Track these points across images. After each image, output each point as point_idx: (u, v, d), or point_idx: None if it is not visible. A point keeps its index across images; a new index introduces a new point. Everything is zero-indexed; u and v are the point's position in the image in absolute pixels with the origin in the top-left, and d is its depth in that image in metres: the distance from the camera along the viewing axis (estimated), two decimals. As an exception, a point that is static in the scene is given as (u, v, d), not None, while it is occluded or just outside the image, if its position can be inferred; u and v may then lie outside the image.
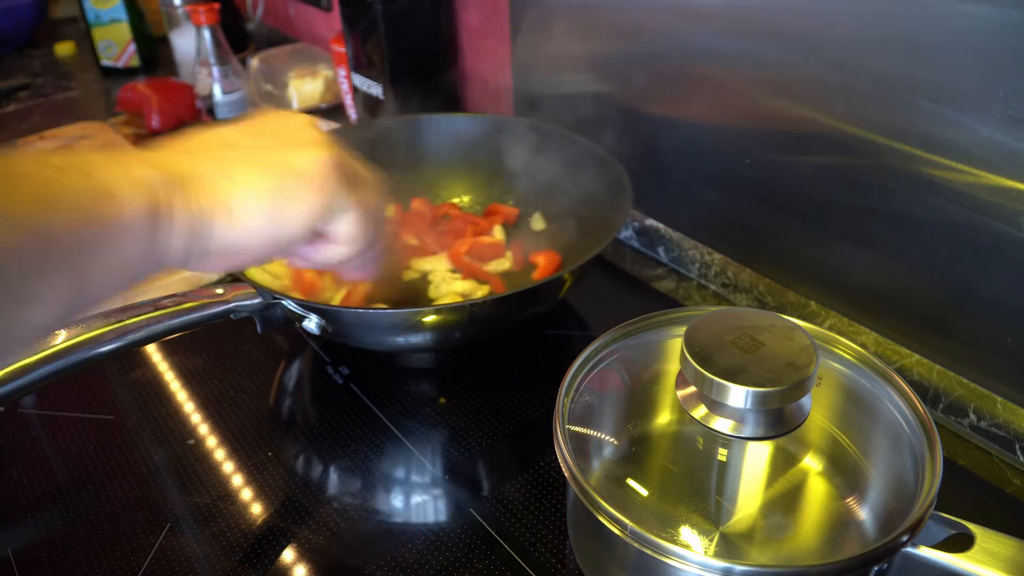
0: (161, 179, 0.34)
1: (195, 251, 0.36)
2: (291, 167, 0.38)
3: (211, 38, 1.02)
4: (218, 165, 0.37)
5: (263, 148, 0.39)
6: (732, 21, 0.62)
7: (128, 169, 0.33)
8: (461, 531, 0.50)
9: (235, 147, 0.39)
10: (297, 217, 0.39)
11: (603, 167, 0.69)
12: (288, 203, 0.38)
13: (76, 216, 0.30)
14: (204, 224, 0.35)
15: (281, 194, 0.38)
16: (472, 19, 0.96)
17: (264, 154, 0.38)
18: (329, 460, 0.56)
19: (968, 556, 0.35)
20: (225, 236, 0.36)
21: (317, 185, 0.39)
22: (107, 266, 0.32)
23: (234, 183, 0.36)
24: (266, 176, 0.37)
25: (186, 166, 0.35)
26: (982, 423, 0.55)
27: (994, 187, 0.49)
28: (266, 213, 0.37)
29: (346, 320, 0.56)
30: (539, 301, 0.60)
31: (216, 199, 0.36)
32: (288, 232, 0.39)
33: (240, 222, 0.37)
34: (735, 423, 0.39)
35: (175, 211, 0.34)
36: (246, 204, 0.37)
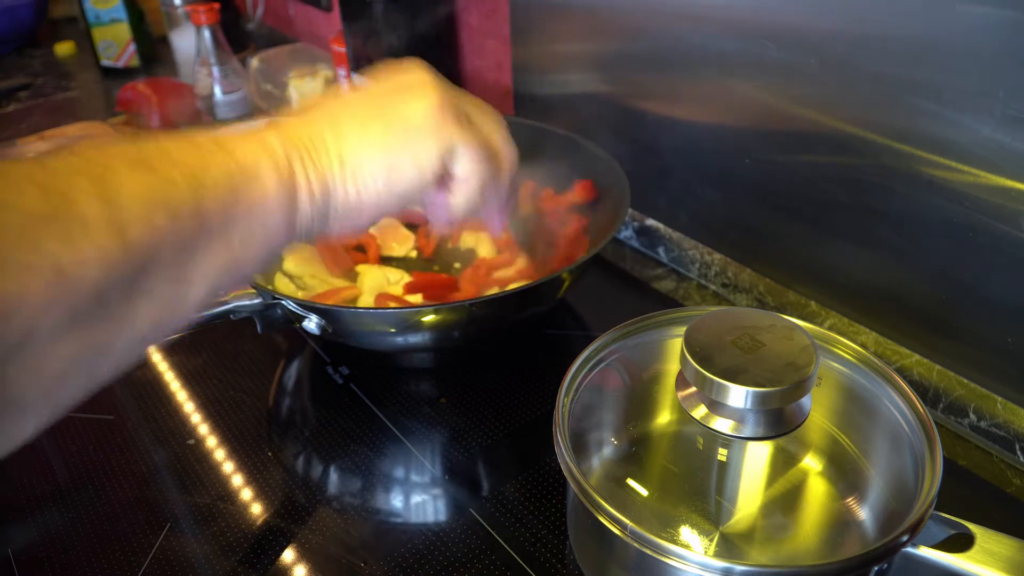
0: (292, 150, 0.35)
1: (323, 215, 0.37)
2: (399, 116, 0.38)
3: (211, 38, 1.02)
4: (334, 127, 0.37)
5: (369, 101, 0.39)
6: (732, 21, 0.62)
7: (263, 144, 0.34)
8: (461, 531, 0.50)
9: (345, 104, 0.39)
10: (412, 166, 0.39)
11: (602, 167, 0.69)
12: (400, 154, 0.38)
13: (224, 194, 0.31)
14: (329, 187, 0.36)
15: (394, 147, 0.38)
16: (472, 19, 0.96)
17: (373, 108, 0.39)
18: (329, 460, 0.56)
19: (968, 556, 0.35)
20: (350, 195, 0.37)
21: (428, 133, 0.39)
22: (254, 240, 0.33)
23: (348, 141, 0.37)
24: (376, 129, 0.38)
25: (309, 132, 0.36)
26: (982, 423, 0.55)
27: (994, 187, 0.49)
28: (382, 167, 0.38)
29: (345, 320, 0.56)
30: (538, 300, 0.60)
31: (336, 161, 0.36)
32: (407, 183, 0.39)
33: (360, 179, 0.37)
34: (735, 423, 0.39)
35: (309, 178, 0.35)
36: (362, 162, 0.37)
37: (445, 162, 0.40)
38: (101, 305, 0.27)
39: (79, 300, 0.26)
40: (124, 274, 0.27)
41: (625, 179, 0.65)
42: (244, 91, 1.09)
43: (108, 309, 0.28)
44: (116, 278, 0.27)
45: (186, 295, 0.31)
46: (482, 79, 0.99)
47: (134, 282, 0.28)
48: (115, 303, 0.28)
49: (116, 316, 0.28)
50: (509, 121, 0.78)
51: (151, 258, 0.28)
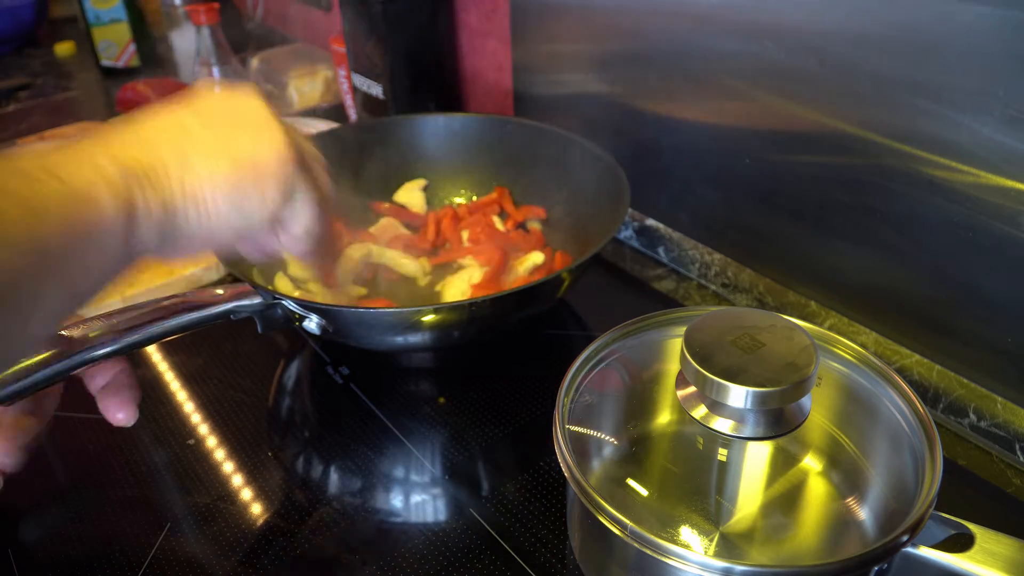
0: (129, 174, 0.34)
1: (165, 242, 0.36)
2: (250, 156, 0.39)
3: (211, 38, 1.02)
4: (178, 154, 0.36)
5: (219, 135, 0.39)
6: (732, 21, 0.62)
7: (97, 168, 0.33)
8: (461, 531, 0.50)
9: (190, 133, 0.38)
10: (258, 206, 0.39)
11: (601, 167, 0.69)
12: (249, 193, 0.38)
13: (62, 225, 0.30)
14: (171, 216, 0.36)
15: (242, 184, 0.38)
16: (472, 19, 0.96)
17: (222, 142, 0.38)
18: (329, 460, 0.56)
19: (968, 556, 0.35)
20: (191, 227, 0.37)
21: (275, 173, 0.39)
22: (92, 267, 0.32)
23: (196, 175, 0.37)
24: (226, 166, 0.38)
25: (149, 157, 0.35)
26: (982, 423, 0.55)
27: (994, 187, 0.49)
28: (229, 203, 0.38)
29: (346, 320, 0.56)
30: (537, 300, 0.60)
31: (181, 191, 0.36)
32: (250, 220, 0.39)
33: (204, 213, 0.37)
34: (735, 423, 0.39)
35: (148, 204, 0.34)
36: (209, 195, 0.37)
37: (285, 209, 0.41)
38: None
39: None
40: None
41: (625, 179, 0.65)
42: (244, 91, 1.09)
43: None
44: None
45: (23, 331, 0.30)
46: (482, 79, 0.99)
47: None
48: None
49: None
50: (509, 121, 0.79)
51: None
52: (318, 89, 1.14)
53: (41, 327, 0.31)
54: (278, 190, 0.40)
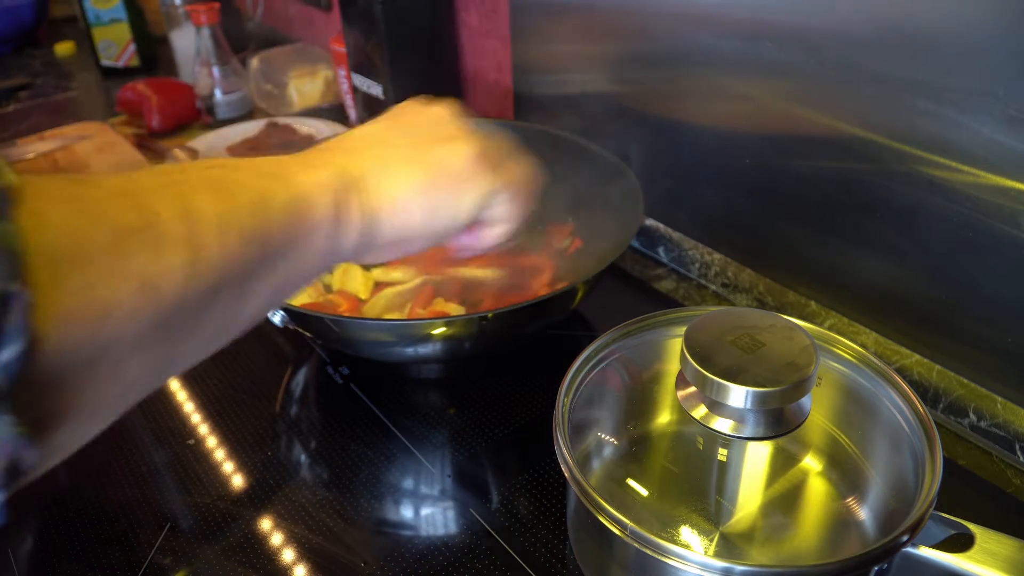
0: (340, 182, 0.37)
1: (365, 244, 0.38)
2: (442, 164, 0.41)
3: (211, 38, 1.02)
4: (382, 164, 0.39)
5: (415, 145, 0.41)
6: (732, 21, 0.62)
7: (315, 174, 0.36)
8: (461, 531, 0.50)
9: (391, 144, 0.41)
10: (450, 211, 0.41)
11: (614, 174, 0.68)
12: (442, 198, 0.41)
13: (284, 222, 0.33)
14: (373, 220, 0.38)
15: (435, 190, 0.40)
16: (472, 19, 0.96)
17: (417, 151, 0.41)
18: (329, 460, 0.56)
19: (968, 556, 0.35)
20: (390, 231, 0.39)
21: (465, 180, 0.41)
22: (303, 262, 0.35)
23: (395, 181, 0.39)
24: (422, 174, 0.40)
25: (355, 166, 0.38)
26: (982, 423, 0.55)
27: (994, 187, 0.49)
28: (423, 209, 0.40)
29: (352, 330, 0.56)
30: (551, 312, 0.59)
31: (382, 197, 0.38)
32: (443, 224, 0.41)
33: (401, 217, 0.39)
34: (735, 423, 0.39)
35: (351, 210, 0.37)
36: (406, 201, 0.39)
37: (481, 210, 0.43)
38: (177, 318, 0.28)
39: (161, 312, 0.27)
40: (200, 290, 0.29)
41: (639, 188, 0.64)
42: (244, 91, 1.09)
43: (182, 323, 0.29)
44: (193, 293, 0.29)
45: (242, 312, 0.33)
46: (482, 79, 0.99)
47: (206, 299, 0.30)
48: (188, 318, 0.29)
49: (186, 330, 0.30)
50: (518, 126, 0.78)
51: (222, 277, 0.30)
52: (318, 89, 1.14)
53: (254, 309, 0.34)
54: (471, 198, 0.41)
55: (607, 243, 0.61)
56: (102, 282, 0.25)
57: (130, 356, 0.27)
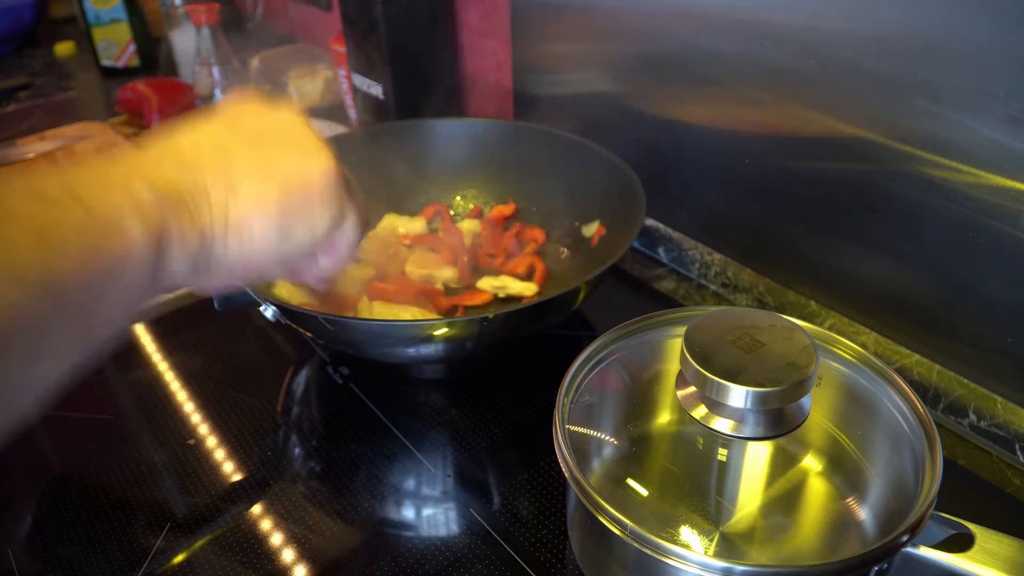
0: (165, 200, 0.31)
1: (201, 271, 0.34)
2: (297, 179, 0.36)
3: (211, 38, 1.02)
4: (222, 178, 0.34)
5: (262, 155, 0.36)
6: (732, 21, 0.62)
7: (128, 192, 0.30)
8: (461, 531, 0.50)
9: (232, 154, 0.35)
10: (307, 231, 0.37)
11: (617, 175, 0.68)
12: (297, 218, 0.37)
13: (82, 258, 0.27)
14: (212, 244, 0.34)
15: (290, 208, 0.36)
16: (472, 19, 0.96)
17: (266, 164, 0.36)
18: (329, 460, 0.56)
19: (968, 556, 0.35)
20: (229, 255, 0.35)
21: (325, 196, 0.37)
22: (113, 302, 0.29)
23: (241, 199, 0.34)
24: (273, 190, 0.35)
25: (188, 181, 0.33)
26: (982, 423, 0.55)
27: (994, 187, 0.49)
28: (275, 230, 0.36)
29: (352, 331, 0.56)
30: (553, 313, 0.59)
31: (224, 217, 0.34)
32: (296, 246, 0.37)
33: (247, 240, 0.35)
34: (735, 423, 0.39)
35: (184, 233, 0.32)
36: (255, 221, 0.35)
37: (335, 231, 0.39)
38: None
39: None
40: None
41: (640, 187, 0.64)
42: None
43: None
44: None
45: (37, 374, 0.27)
46: (482, 79, 0.99)
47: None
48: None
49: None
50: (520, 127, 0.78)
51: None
52: (318, 89, 1.14)
53: (50, 371, 0.28)
54: (328, 214, 0.38)
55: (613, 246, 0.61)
56: None
57: None
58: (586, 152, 0.72)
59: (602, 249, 0.68)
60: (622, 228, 0.64)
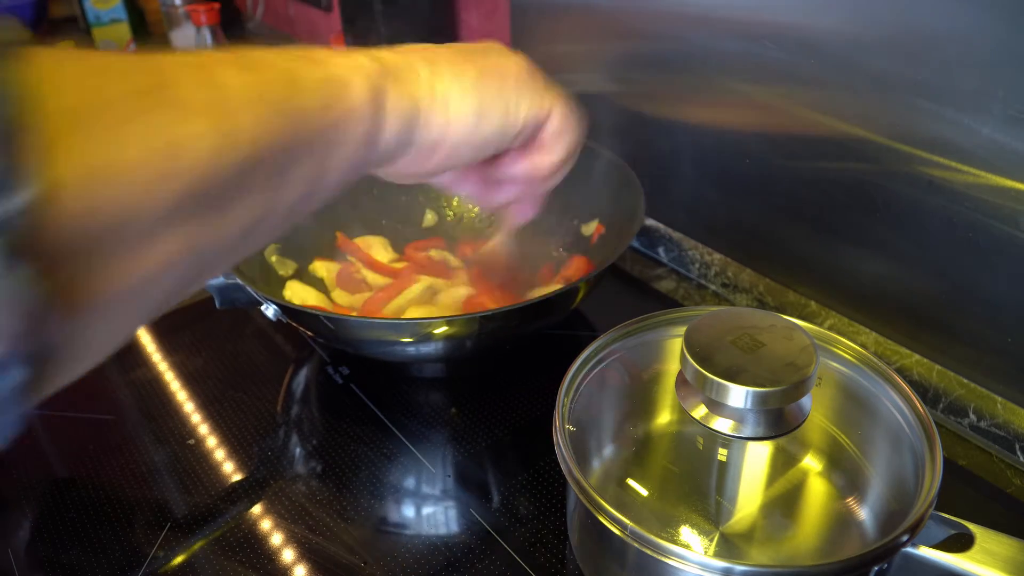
0: (380, 69, 0.35)
1: (405, 140, 0.36)
2: (494, 66, 0.39)
3: (211, 38, 1.02)
4: (428, 61, 0.37)
5: (464, 53, 0.39)
6: (732, 21, 0.62)
7: (352, 59, 0.34)
8: (461, 531, 0.50)
9: (439, 51, 0.39)
10: (502, 113, 0.39)
11: (616, 173, 0.68)
12: (493, 98, 0.38)
13: (318, 100, 0.31)
14: (416, 113, 0.36)
15: (487, 90, 0.38)
16: (472, 19, 0.96)
17: (467, 57, 0.39)
18: (329, 460, 0.56)
19: (968, 556, 0.35)
20: (435, 128, 0.37)
21: (520, 83, 0.39)
22: (340, 151, 0.33)
23: (442, 76, 0.37)
24: (472, 72, 0.38)
25: (400, 60, 0.36)
26: (982, 423, 0.55)
27: (994, 187, 0.49)
28: (472, 106, 0.38)
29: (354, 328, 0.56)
30: (552, 312, 0.59)
31: (426, 89, 0.36)
32: (494, 128, 0.39)
33: (448, 113, 0.37)
34: (735, 423, 0.39)
35: (392, 98, 0.35)
36: (454, 96, 0.37)
37: (535, 118, 0.40)
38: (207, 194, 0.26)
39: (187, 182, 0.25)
40: (229, 163, 0.26)
41: (640, 186, 0.64)
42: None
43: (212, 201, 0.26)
44: (222, 166, 0.26)
45: (279, 201, 0.30)
46: (482, 79, 0.99)
47: (237, 176, 0.27)
48: (219, 196, 0.27)
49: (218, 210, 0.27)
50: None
51: (253, 152, 0.28)
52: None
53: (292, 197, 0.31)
54: (522, 99, 0.39)
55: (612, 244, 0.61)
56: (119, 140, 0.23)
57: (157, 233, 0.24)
58: (586, 151, 0.71)
59: (601, 248, 0.68)
60: (621, 227, 0.64)
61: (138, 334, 0.69)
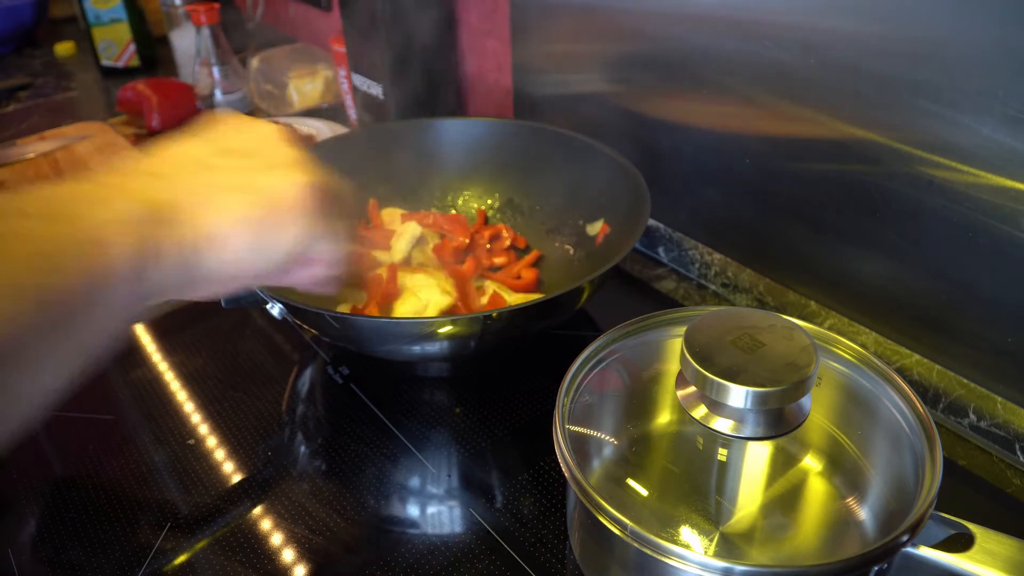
0: (146, 215, 0.33)
1: (182, 283, 0.35)
2: (270, 195, 0.37)
3: (211, 38, 1.02)
4: (199, 193, 0.36)
5: (239, 170, 0.38)
6: (732, 21, 0.62)
7: (111, 208, 0.32)
8: (461, 531, 0.50)
9: (210, 169, 0.37)
10: (279, 245, 0.38)
11: (621, 174, 0.68)
12: (270, 232, 0.37)
13: (73, 273, 0.29)
14: (190, 257, 0.35)
15: (263, 224, 0.37)
16: (472, 19, 0.96)
17: (241, 178, 0.37)
18: (329, 460, 0.56)
19: (968, 556, 0.35)
20: (210, 267, 0.36)
21: (297, 213, 0.38)
22: (103, 314, 0.31)
23: (217, 213, 0.36)
24: (247, 205, 0.37)
25: (166, 196, 0.34)
26: (982, 423, 0.55)
27: (994, 187, 0.49)
28: (249, 243, 0.37)
29: (361, 328, 0.56)
30: (557, 312, 0.58)
31: (201, 231, 0.35)
32: (271, 259, 0.38)
33: (224, 253, 0.36)
34: (735, 423, 0.39)
35: (162, 248, 0.33)
36: (230, 235, 0.36)
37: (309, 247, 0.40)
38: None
39: None
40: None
41: (645, 186, 0.64)
42: (244, 91, 1.09)
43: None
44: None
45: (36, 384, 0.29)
46: (482, 79, 0.99)
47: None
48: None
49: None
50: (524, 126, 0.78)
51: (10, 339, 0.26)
52: (318, 89, 1.14)
53: (48, 381, 0.30)
54: (301, 229, 0.38)
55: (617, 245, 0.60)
56: None
57: None
58: (591, 151, 0.72)
59: (606, 248, 0.68)
60: (626, 227, 0.64)
61: (138, 334, 0.69)
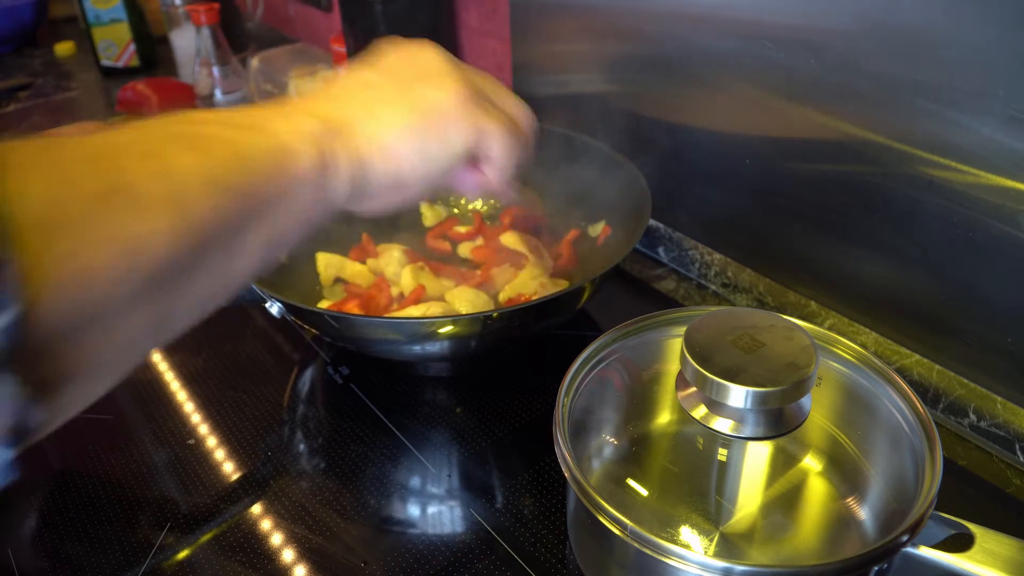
0: (323, 129, 0.37)
1: (358, 191, 0.38)
2: (429, 103, 0.41)
3: (211, 38, 1.02)
4: (366, 109, 0.39)
5: (400, 86, 0.41)
6: (732, 21, 0.62)
7: (295, 122, 0.36)
8: (460, 531, 0.50)
9: (375, 88, 0.41)
10: (442, 150, 0.41)
11: (622, 175, 0.68)
12: (432, 138, 0.40)
13: (266, 174, 0.33)
14: (362, 166, 0.38)
15: (424, 130, 0.40)
16: (472, 19, 0.96)
17: (403, 92, 0.41)
18: (329, 460, 0.56)
19: (968, 556, 0.35)
20: (383, 175, 0.39)
21: (455, 117, 0.41)
22: (291, 215, 0.35)
23: (383, 125, 0.39)
24: (409, 115, 0.40)
25: (339, 113, 0.38)
26: (982, 423, 0.55)
27: (994, 187, 0.49)
28: (413, 150, 0.40)
29: (358, 327, 0.56)
30: (558, 312, 0.58)
31: (369, 142, 0.38)
32: (438, 164, 0.41)
33: (393, 160, 0.39)
34: (735, 423, 0.39)
35: (338, 158, 0.37)
36: (395, 144, 0.39)
37: (474, 145, 0.42)
38: (167, 278, 0.29)
39: (149, 273, 0.28)
40: (186, 249, 0.29)
41: (646, 187, 0.64)
42: (244, 91, 1.09)
43: (172, 283, 0.29)
44: (180, 253, 0.29)
45: (234, 268, 0.33)
46: (482, 79, 0.99)
47: (194, 257, 0.30)
48: (178, 277, 0.29)
49: (177, 290, 0.30)
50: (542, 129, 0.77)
51: (207, 235, 0.30)
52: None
53: (246, 266, 0.33)
54: (459, 132, 0.41)
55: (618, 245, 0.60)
56: (85, 247, 0.25)
57: (124, 317, 0.27)
58: (591, 151, 0.72)
59: (607, 249, 0.68)
60: (627, 228, 0.64)
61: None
